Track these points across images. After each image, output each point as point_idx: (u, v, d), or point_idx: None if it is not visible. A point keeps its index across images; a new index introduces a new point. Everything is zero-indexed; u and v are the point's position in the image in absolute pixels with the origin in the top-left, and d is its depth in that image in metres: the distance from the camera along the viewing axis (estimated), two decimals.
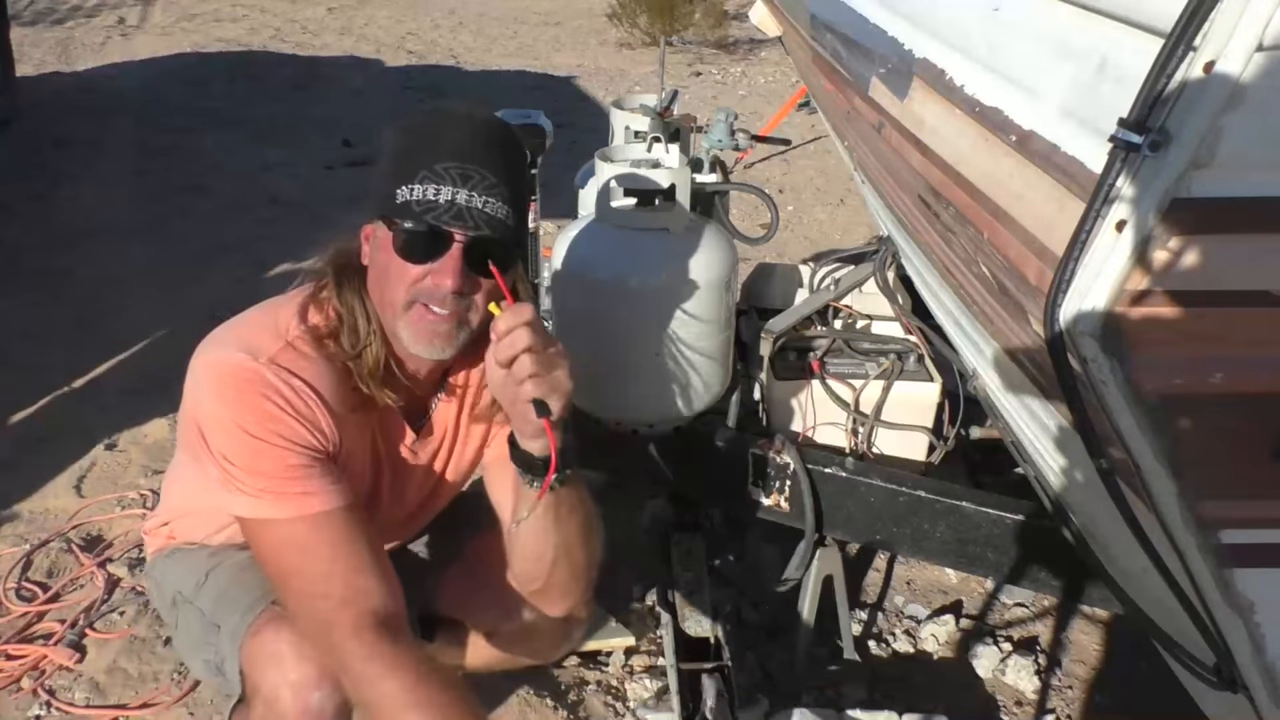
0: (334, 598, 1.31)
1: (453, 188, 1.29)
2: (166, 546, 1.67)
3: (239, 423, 1.33)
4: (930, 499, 1.95)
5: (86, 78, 7.36)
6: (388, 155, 1.36)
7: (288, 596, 1.37)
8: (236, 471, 1.34)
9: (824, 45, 2.02)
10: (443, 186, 1.28)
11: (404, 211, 1.30)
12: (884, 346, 2.19)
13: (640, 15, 9.15)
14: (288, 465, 1.33)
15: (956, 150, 1.27)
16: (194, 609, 1.56)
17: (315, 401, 1.36)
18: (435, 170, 1.29)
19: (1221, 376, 0.95)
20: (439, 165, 1.29)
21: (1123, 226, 0.86)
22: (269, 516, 1.34)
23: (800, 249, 4.49)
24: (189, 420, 1.41)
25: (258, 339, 1.37)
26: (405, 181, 1.30)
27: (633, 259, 1.93)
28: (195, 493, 1.54)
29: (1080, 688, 2.22)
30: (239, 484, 1.34)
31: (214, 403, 1.36)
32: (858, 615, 2.39)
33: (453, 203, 1.29)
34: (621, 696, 2.13)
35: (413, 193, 1.29)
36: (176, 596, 1.60)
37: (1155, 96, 0.82)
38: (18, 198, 4.80)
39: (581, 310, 1.98)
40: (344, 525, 1.35)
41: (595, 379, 2.00)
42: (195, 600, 1.57)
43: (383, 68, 8.14)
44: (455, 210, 1.29)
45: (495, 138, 1.36)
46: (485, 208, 1.30)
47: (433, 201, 1.28)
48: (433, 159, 1.30)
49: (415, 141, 1.33)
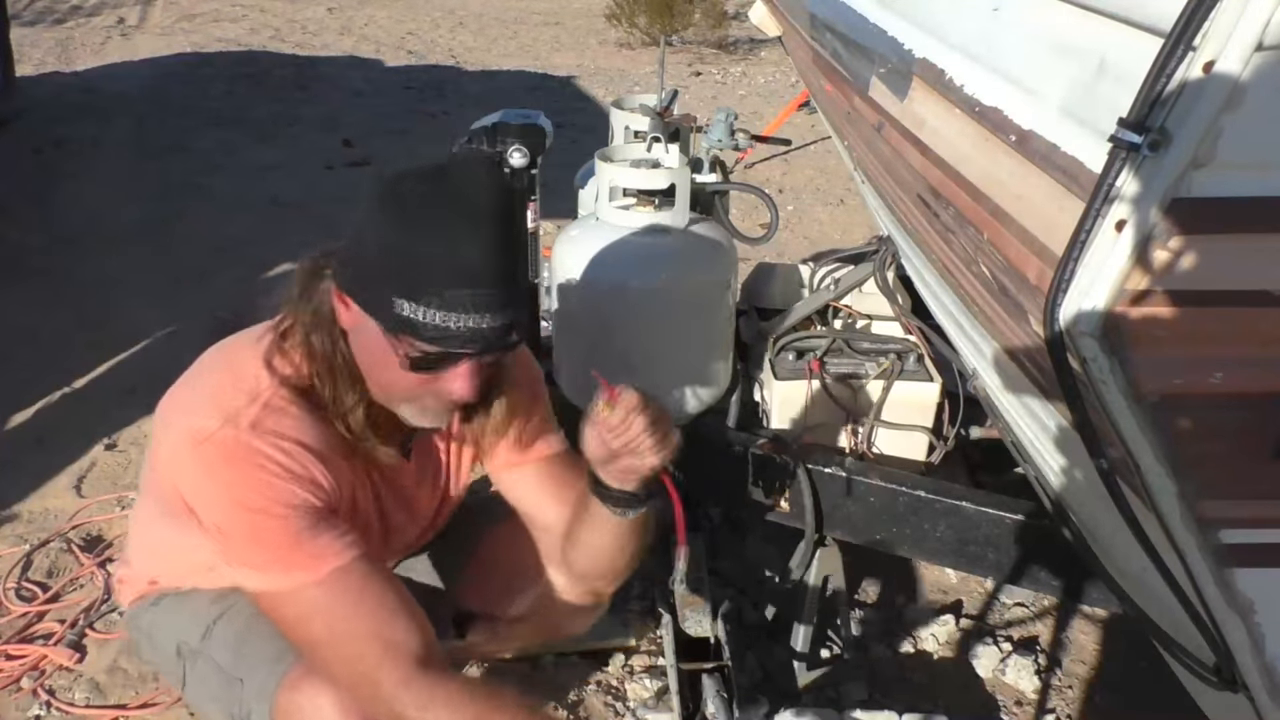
0: (371, 656, 1.27)
1: (464, 315, 1.19)
2: (150, 594, 1.57)
3: (234, 499, 1.27)
4: (930, 499, 1.95)
5: (86, 78, 7.36)
6: (382, 245, 1.21)
7: (320, 664, 1.31)
8: (238, 546, 1.29)
9: (824, 45, 2.02)
10: (455, 316, 1.19)
11: (410, 328, 1.20)
12: (884, 346, 2.19)
13: (639, 15, 9.14)
14: (291, 532, 1.27)
15: (956, 150, 1.27)
16: (207, 660, 1.48)
17: (308, 458, 1.30)
18: (445, 298, 1.18)
19: (1221, 376, 0.94)
20: (449, 292, 1.18)
21: (1122, 226, 0.86)
22: (281, 589, 1.28)
23: (800, 249, 4.49)
24: (168, 485, 1.34)
25: (231, 401, 1.28)
26: (409, 297, 1.19)
27: (633, 259, 1.93)
28: (178, 551, 1.45)
29: (1080, 688, 2.22)
30: (243, 558, 1.29)
31: (204, 480, 1.28)
32: (858, 615, 2.39)
33: (467, 329, 1.20)
34: (621, 696, 2.13)
35: (421, 315, 1.19)
36: (181, 647, 1.52)
37: (1155, 96, 0.82)
38: (18, 198, 4.80)
39: (581, 310, 1.98)
40: (361, 576, 1.29)
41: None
42: (206, 650, 1.49)
43: (383, 68, 8.13)
44: (469, 335, 1.20)
45: (502, 235, 1.23)
46: (499, 327, 1.22)
47: (444, 328, 1.19)
48: (442, 283, 1.18)
49: (419, 249, 1.19)
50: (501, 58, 8.67)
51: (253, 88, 7.26)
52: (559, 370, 2.12)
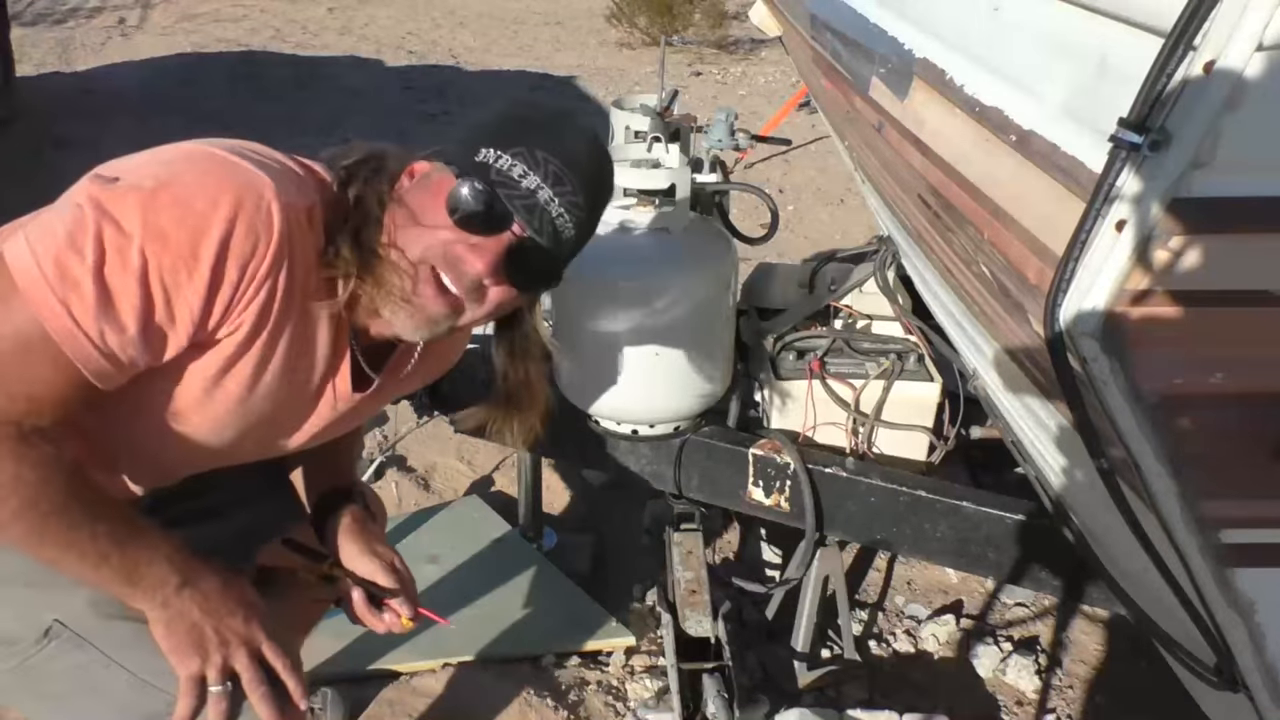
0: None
1: (540, 180, 1.12)
2: None
3: (174, 201, 1.03)
4: (930, 499, 1.95)
5: (86, 78, 7.36)
6: (494, 112, 1.18)
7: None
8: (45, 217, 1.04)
9: (824, 45, 2.02)
10: (531, 173, 1.12)
11: (477, 170, 1.12)
12: (884, 346, 2.19)
13: (639, 15, 9.15)
14: (94, 273, 1.01)
15: (956, 150, 1.27)
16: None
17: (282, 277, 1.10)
18: (534, 155, 1.12)
19: (1221, 376, 0.94)
20: (540, 152, 1.12)
21: (1123, 226, 0.86)
22: (24, 285, 1.01)
23: (800, 249, 4.49)
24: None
25: (283, 179, 1.12)
26: (496, 145, 1.12)
27: (633, 259, 1.93)
28: None
29: (1080, 688, 2.22)
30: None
31: (167, 168, 1.09)
32: (858, 615, 2.39)
33: (533, 193, 1.12)
34: (622, 696, 2.13)
35: (498, 160, 1.11)
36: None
37: (1155, 96, 0.82)
38: (18, 198, 4.78)
39: (582, 310, 1.98)
40: (73, 384, 1.05)
41: (595, 379, 2.00)
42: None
43: (383, 68, 8.14)
44: (530, 202, 1.12)
45: (606, 176, 1.21)
46: (558, 220, 1.14)
47: (513, 179, 1.11)
48: (537, 142, 1.13)
49: (530, 117, 1.17)
50: (502, 58, 8.67)
51: (253, 88, 7.27)
52: (559, 370, 2.12)
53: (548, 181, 1.12)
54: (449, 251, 1.13)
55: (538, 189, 1.12)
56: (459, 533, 2.64)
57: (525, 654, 2.26)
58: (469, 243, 1.12)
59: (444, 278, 1.14)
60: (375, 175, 1.19)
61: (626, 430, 2.09)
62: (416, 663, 2.21)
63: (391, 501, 2.79)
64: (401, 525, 2.66)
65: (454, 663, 2.21)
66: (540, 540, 2.63)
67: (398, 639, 2.23)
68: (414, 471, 2.95)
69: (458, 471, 2.98)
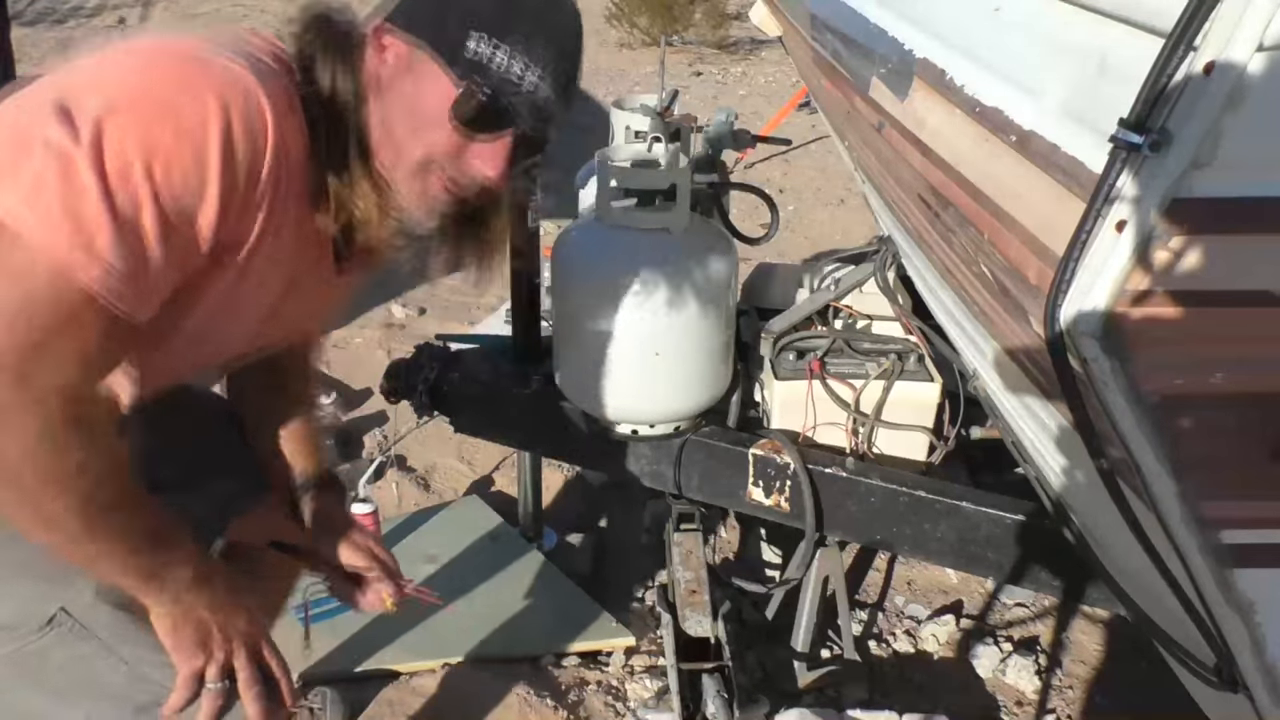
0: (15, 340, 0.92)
1: (540, 75, 1.08)
2: None
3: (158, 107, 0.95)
4: (930, 499, 1.95)
5: None
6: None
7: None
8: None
9: (824, 45, 2.02)
10: (532, 67, 1.08)
11: (477, 69, 1.06)
12: (884, 346, 2.19)
13: (639, 16, 9.14)
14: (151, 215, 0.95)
15: (956, 150, 1.27)
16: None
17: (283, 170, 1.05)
18: (534, 50, 1.07)
19: (1221, 376, 0.95)
20: (539, 47, 1.08)
21: (1123, 226, 0.86)
22: (35, 246, 0.91)
23: (800, 249, 4.49)
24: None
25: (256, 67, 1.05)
26: (490, 32, 1.06)
27: (633, 259, 1.93)
28: None
29: (1080, 688, 2.22)
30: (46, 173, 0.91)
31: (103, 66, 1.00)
32: (858, 615, 2.39)
33: (536, 94, 1.08)
34: (622, 696, 2.13)
35: (496, 52, 1.06)
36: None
37: (1155, 96, 0.82)
38: None
39: (581, 310, 1.98)
40: (106, 332, 0.97)
41: (595, 379, 2.00)
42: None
43: None
44: (536, 105, 1.09)
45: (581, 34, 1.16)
46: (556, 109, 1.12)
47: (515, 80, 1.07)
48: (536, 30, 1.08)
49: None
50: None
51: None
52: (559, 370, 2.12)
53: (547, 76, 1.09)
54: (454, 155, 1.10)
55: (541, 90, 1.09)
56: (459, 533, 2.64)
57: (525, 654, 2.26)
58: (473, 145, 1.10)
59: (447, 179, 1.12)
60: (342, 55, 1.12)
61: (626, 430, 2.09)
62: (416, 663, 2.21)
63: (391, 501, 2.79)
64: (401, 525, 2.66)
65: (453, 663, 2.21)
66: (540, 540, 2.63)
67: (397, 638, 2.23)
68: (414, 471, 2.95)
69: (458, 471, 2.98)
